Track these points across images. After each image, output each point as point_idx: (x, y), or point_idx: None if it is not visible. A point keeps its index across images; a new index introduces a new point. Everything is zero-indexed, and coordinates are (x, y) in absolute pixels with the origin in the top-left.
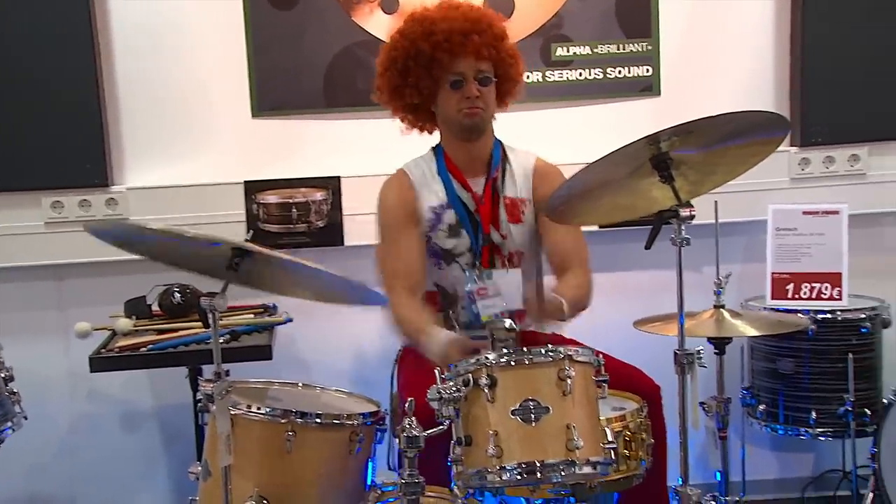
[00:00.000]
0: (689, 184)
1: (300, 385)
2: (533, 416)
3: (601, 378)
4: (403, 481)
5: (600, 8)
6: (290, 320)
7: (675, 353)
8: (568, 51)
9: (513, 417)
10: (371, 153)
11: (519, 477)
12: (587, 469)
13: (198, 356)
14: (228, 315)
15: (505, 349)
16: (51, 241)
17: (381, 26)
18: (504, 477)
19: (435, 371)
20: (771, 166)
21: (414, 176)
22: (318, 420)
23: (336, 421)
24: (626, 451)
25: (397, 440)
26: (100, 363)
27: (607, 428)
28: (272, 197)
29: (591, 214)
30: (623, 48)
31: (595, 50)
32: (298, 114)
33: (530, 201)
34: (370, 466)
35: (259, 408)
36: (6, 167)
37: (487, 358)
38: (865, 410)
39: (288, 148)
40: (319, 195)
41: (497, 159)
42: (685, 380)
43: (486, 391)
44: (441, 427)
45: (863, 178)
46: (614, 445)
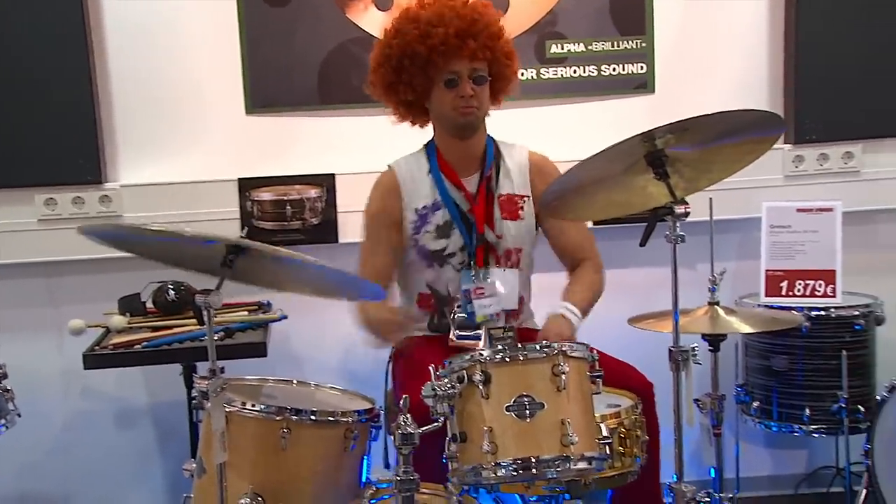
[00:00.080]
0: (685, 181)
1: (295, 382)
2: (527, 412)
3: (595, 373)
4: (398, 478)
5: (595, 5)
6: (285, 317)
7: (670, 350)
8: (562, 48)
9: (507, 413)
10: (365, 150)
11: (514, 473)
12: (582, 464)
13: (192, 353)
14: (223, 312)
15: (502, 349)
16: (44, 238)
17: (375, 23)
18: (499, 473)
19: (430, 368)
20: (765, 164)
21: (402, 175)
22: (313, 417)
23: (331, 418)
24: (621, 448)
25: (392, 438)
26: (94, 360)
27: (602, 424)
28: (266, 194)
29: (586, 210)
30: (617, 45)
31: (589, 47)
32: (292, 111)
33: (529, 197)
34: (365, 463)
35: (254, 405)
36: None
37: (482, 354)
38: (859, 407)
39: (282, 145)
40: (314, 192)
41: (490, 156)
42: (680, 377)
43: (481, 387)
44: (436, 424)
45: (857, 176)
46: (609, 441)
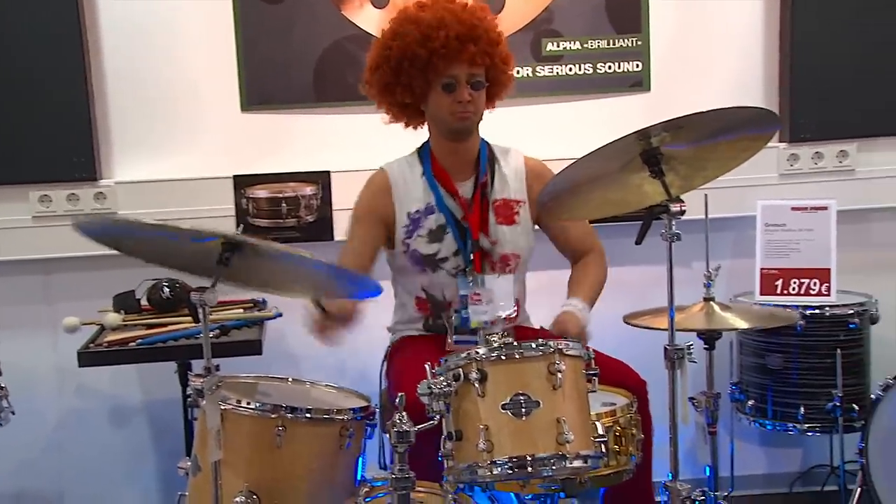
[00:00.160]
0: (680, 179)
1: (290, 380)
2: (523, 410)
3: (591, 371)
4: (394, 476)
5: (591, 3)
6: (280, 315)
7: (666, 349)
8: (558, 46)
9: (503, 412)
10: (361, 148)
11: (510, 471)
12: (578, 463)
13: (187, 351)
14: (218, 310)
15: (497, 347)
16: (38, 235)
17: (372, 21)
18: (495, 471)
19: (425, 366)
20: (760, 162)
21: (394, 177)
22: (308, 415)
23: (326, 416)
24: (617, 447)
25: (388, 436)
26: (88, 358)
27: (598, 422)
28: (262, 192)
29: (582, 209)
30: (613, 43)
31: (585, 45)
32: (288, 108)
33: (525, 202)
34: (360, 461)
35: (249, 403)
36: None
37: (478, 352)
38: (853, 406)
39: (277, 142)
40: (309, 190)
41: (484, 159)
42: (675, 375)
43: (477, 386)
44: (432, 422)
45: (851, 175)
46: (605, 439)
